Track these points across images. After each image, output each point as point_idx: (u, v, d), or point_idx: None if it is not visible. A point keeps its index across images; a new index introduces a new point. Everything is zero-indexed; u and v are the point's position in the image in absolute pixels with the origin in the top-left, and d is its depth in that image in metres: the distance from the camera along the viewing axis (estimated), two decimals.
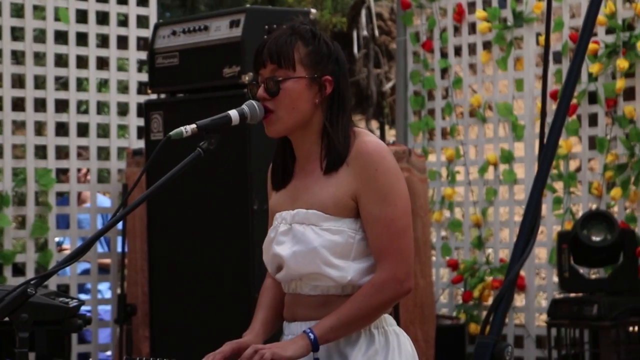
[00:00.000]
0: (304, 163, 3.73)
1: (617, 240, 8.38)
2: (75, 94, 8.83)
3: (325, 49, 3.68)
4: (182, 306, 7.23)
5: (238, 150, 6.59)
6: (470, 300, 9.41)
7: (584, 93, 9.04)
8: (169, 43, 7.44)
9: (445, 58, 9.89)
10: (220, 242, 6.99)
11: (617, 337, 8.21)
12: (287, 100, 3.63)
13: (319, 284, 3.64)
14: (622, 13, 8.90)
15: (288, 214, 3.70)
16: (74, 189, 8.83)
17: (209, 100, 6.83)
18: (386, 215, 3.60)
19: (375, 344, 3.65)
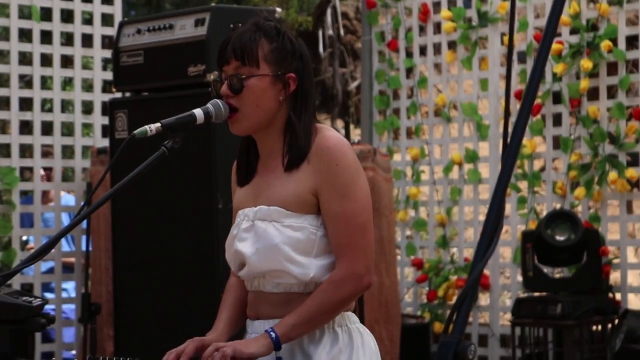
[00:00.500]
0: (267, 160, 3.75)
1: (581, 239, 8.41)
2: (39, 92, 8.82)
3: (289, 45, 3.69)
4: (147, 305, 7.23)
5: (203, 150, 6.60)
6: (435, 299, 9.44)
7: (548, 93, 9.06)
8: (133, 41, 7.44)
9: (411, 57, 9.90)
10: (185, 241, 7.00)
11: (580, 336, 8.24)
12: (250, 98, 3.65)
13: (282, 282, 3.65)
14: (586, 13, 8.92)
15: (250, 210, 3.71)
16: (38, 188, 8.82)
17: (174, 99, 6.82)
18: (346, 211, 3.61)
19: (339, 342, 3.66)
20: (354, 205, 3.60)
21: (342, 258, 3.59)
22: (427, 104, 9.85)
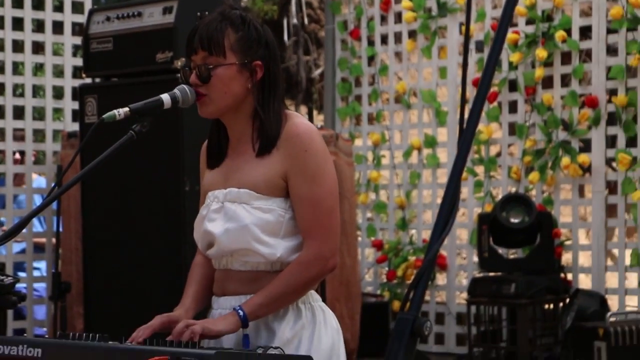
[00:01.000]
0: (236, 144, 3.72)
1: (535, 222, 8.47)
2: (11, 78, 8.78)
3: (255, 34, 3.65)
4: (116, 284, 7.22)
5: (170, 133, 6.58)
6: (394, 279, 9.48)
7: (504, 81, 9.12)
8: (103, 28, 7.42)
9: (372, 46, 9.94)
10: (153, 222, 6.99)
11: (533, 314, 8.31)
12: (218, 86, 3.61)
13: (249, 260, 3.64)
14: (542, 4, 8.98)
15: (220, 192, 3.68)
16: (10, 170, 8.80)
17: (142, 84, 6.81)
18: (313, 195, 3.60)
19: (302, 318, 3.65)
20: (322, 190, 3.60)
21: (310, 241, 3.59)
22: (388, 91, 9.88)
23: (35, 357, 3.54)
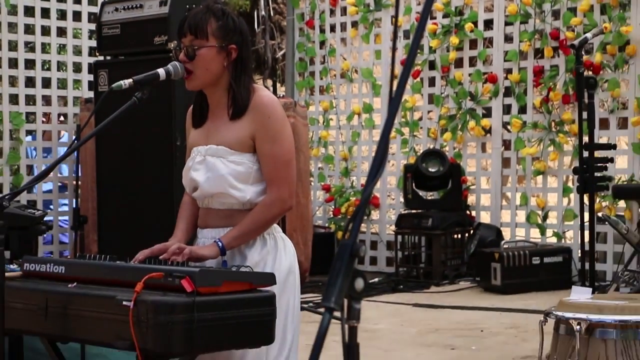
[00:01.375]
0: (215, 110, 3.72)
1: (447, 171, 8.54)
2: (40, 55, 8.74)
3: (232, 24, 3.67)
4: (123, 217, 7.25)
5: (164, 100, 6.57)
6: (339, 214, 9.52)
7: (425, 62, 9.15)
8: (112, 17, 7.40)
9: (323, 33, 9.92)
10: (151, 169, 7.00)
11: (445, 242, 8.39)
12: (201, 63, 3.63)
13: (226, 201, 3.65)
14: (455, 2, 9.00)
15: (203, 148, 3.69)
16: (40, 128, 8.79)
17: (143, 61, 6.76)
18: (274, 152, 3.61)
19: (267, 246, 3.66)
20: (281, 148, 3.61)
21: (272, 187, 3.61)
22: (335, 68, 9.86)
23: (59, 273, 3.55)
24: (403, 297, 7.61)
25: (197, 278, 3.15)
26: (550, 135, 8.38)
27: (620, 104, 8.10)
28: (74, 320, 3.33)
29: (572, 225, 8.14)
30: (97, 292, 3.30)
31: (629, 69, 7.98)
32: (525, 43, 8.52)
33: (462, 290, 7.92)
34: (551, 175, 8.52)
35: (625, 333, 3.01)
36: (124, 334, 3.09)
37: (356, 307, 1.97)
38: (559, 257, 7.86)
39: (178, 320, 3.08)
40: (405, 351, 5.47)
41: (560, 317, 3.14)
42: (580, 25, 8.15)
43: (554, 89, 8.36)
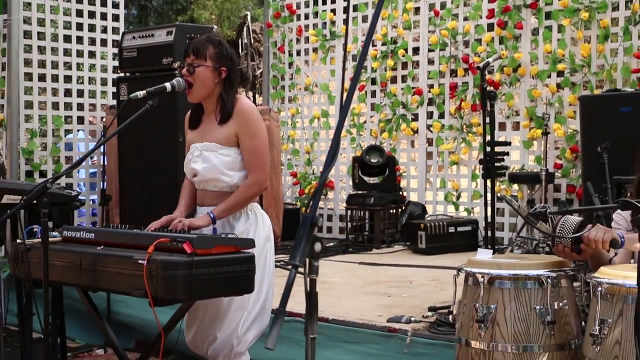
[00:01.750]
0: (209, 116, 3.78)
1: (385, 162, 8.55)
2: (75, 72, 8.64)
3: (225, 51, 3.74)
4: (138, 196, 7.23)
5: (170, 107, 6.55)
6: (303, 194, 9.51)
7: (368, 78, 9.15)
8: (131, 43, 7.36)
9: (291, 56, 9.89)
10: (160, 159, 6.98)
11: (383, 215, 8.40)
12: (198, 78, 3.69)
13: (218, 184, 3.70)
14: (390, 33, 8.99)
15: (199, 145, 3.74)
16: (75, 128, 8.72)
17: (154, 77, 6.68)
18: (253, 146, 3.66)
19: (250, 218, 3.71)
20: (258, 142, 3.66)
21: (251, 172, 3.65)
22: (300, 83, 9.86)
23: (90, 238, 3.56)
24: (352, 257, 7.63)
25: (195, 242, 3.17)
26: (462, 135, 8.42)
27: (514, 112, 8.16)
28: (101, 275, 3.35)
29: (478, 202, 8.20)
30: (118, 253, 3.32)
31: (520, 85, 8.04)
32: (443, 65, 8.55)
33: (396, 252, 7.95)
34: (463, 165, 8.57)
35: (517, 283, 3.05)
36: (139, 285, 3.11)
37: (315, 265, 1.99)
38: (468, 227, 7.91)
39: (181, 274, 3.10)
40: (352, 298, 5.49)
41: (469, 272, 3.17)
42: (484, 52, 8.20)
43: (465, 100, 8.40)
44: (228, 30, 15.62)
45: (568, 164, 7.66)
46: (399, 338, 4.42)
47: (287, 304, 1.90)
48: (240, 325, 3.62)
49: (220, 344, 3.64)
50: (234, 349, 3.64)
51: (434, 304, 4.91)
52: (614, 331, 2.77)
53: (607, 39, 7.47)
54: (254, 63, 12.08)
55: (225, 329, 3.62)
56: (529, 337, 3.00)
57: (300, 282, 1.99)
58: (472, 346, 3.09)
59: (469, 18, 8.38)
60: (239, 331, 3.62)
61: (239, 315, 3.61)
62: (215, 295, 3.42)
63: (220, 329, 3.62)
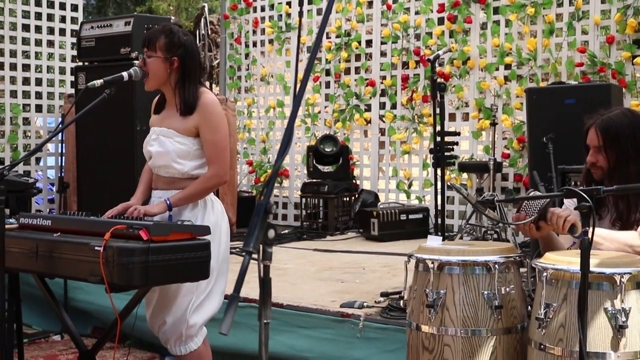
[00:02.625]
0: (169, 103, 3.77)
1: (339, 151, 8.56)
2: (34, 61, 8.56)
3: (177, 40, 3.70)
4: (96, 183, 7.15)
5: (128, 96, 6.50)
6: (259, 182, 9.48)
7: (323, 70, 9.14)
8: (89, 33, 7.27)
9: (248, 47, 9.84)
10: (117, 147, 6.92)
11: (337, 203, 8.40)
12: (151, 69, 3.68)
13: (169, 171, 3.68)
14: (344, 26, 8.99)
15: (158, 129, 3.73)
16: (33, 116, 8.59)
17: (112, 66, 6.66)
18: (215, 139, 3.64)
19: (198, 206, 3.69)
20: (219, 136, 3.63)
21: (211, 165, 3.62)
22: (256, 74, 9.82)
23: (47, 225, 3.50)
24: (306, 244, 7.62)
25: (151, 229, 3.14)
26: (413, 125, 8.45)
27: (464, 103, 8.21)
28: (58, 261, 3.30)
29: (429, 191, 8.24)
30: (75, 240, 3.27)
31: (469, 77, 8.09)
32: (395, 57, 8.57)
33: (349, 239, 7.96)
34: (414, 154, 8.60)
35: (465, 269, 3.06)
36: (96, 271, 3.07)
37: (269, 251, 1.97)
38: (419, 215, 7.95)
39: (137, 261, 3.07)
40: (306, 284, 5.49)
41: (419, 258, 3.17)
42: (435, 45, 8.23)
43: (416, 91, 8.42)
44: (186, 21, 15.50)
45: (515, 153, 7.73)
46: (351, 323, 4.43)
47: (242, 289, 1.88)
48: (188, 309, 3.60)
49: (169, 328, 3.63)
50: (183, 333, 3.63)
51: (385, 289, 4.93)
52: (558, 315, 2.80)
53: (552, 34, 7.54)
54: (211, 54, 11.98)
55: (174, 314, 3.61)
56: (477, 322, 3.01)
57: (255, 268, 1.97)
58: (422, 330, 3.09)
59: (420, 12, 8.40)
60: (187, 315, 3.60)
61: (187, 299, 3.60)
62: (171, 282, 3.39)
63: (169, 314, 3.61)
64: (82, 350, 3.70)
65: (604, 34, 7.32)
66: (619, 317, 2.70)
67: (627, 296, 2.74)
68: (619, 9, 7.19)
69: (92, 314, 5.61)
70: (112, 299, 3.12)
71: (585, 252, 2.58)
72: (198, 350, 3.69)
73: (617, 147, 3.25)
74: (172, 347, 3.67)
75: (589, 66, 7.29)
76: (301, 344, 4.58)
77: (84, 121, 6.73)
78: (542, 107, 6.48)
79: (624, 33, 7.16)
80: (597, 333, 2.72)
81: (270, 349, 1.98)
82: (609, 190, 2.81)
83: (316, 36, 1.98)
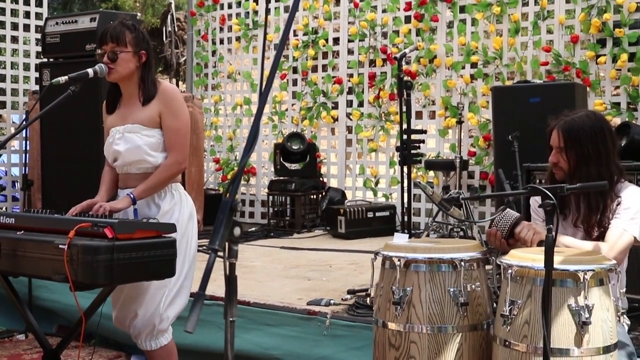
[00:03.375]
0: (128, 99, 3.76)
1: (306, 148, 8.55)
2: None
3: (142, 36, 3.73)
4: (60, 181, 7.09)
5: (93, 93, 6.43)
6: (226, 180, 9.45)
7: (290, 67, 9.13)
8: (54, 29, 7.19)
9: (215, 44, 9.81)
10: (82, 144, 6.85)
11: (304, 201, 8.40)
12: (122, 63, 3.66)
13: (142, 166, 3.67)
14: (312, 24, 8.98)
15: (121, 128, 3.71)
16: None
17: (77, 63, 6.54)
18: (175, 126, 3.65)
19: (175, 198, 3.70)
20: (179, 123, 3.64)
21: (171, 152, 3.63)
22: (223, 71, 9.78)
23: (10, 223, 3.45)
24: (273, 241, 7.62)
25: (116, 227, 3.12)
26: (380, 123, 8.47)
27: (430, 101, 8.25)
28: (22, 260, 3.26)
29: (396, 188, 8.27)
30: (39, 238, 3.24)
31: (436, 76, 8.12)
32: (362, 55, 8.58)
33: (316, 236, 7.97)
34: (381, 152, 8.63)
35: (432, 267, 3.07)
36: (60, 270, 3.04)
37: (234, 249, 1.97)
38: (386, 212, 7.97)
39: (101, 259, 3.04)
40: (273, 282, 5.48)
41: (386, 255, 3.18)
42: (402, 43, 8.26)
43: (383, 89, 8.45)
44: (152, 18, 15.37)
45: (481, 151, 7.78)
46: (318, 320, 4.43)
47: (208, 287, 1.87)
48: (162, 303, 3.59)
49: (141, 321, 3.61)
50: (156, 327, 3.61)
51: (352, 287, 4.93)
52: (523, 312, 2.82)
53: (517, 33, 7.60)
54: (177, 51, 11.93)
55: (147, 307, 3.59)
56: (443, 318, 3.02)
57: (221, 266, 1.96)
58: (389, 327, 3.10)
59: (387, 10, 8.42)
60: (160, 309, 3.59)
61: (160, 292, 3.59)
62: (137, 280, 3.37)
63: (141, 307, 3.59)
64: (46, 350, 3.66)
65: (568, 34, 7.39)
66: (582, 314, 2.73)
67: (590, 293, 2.77)
68: (583, 8, 7.27)
69: (57, 312, 5.56)
70: (76, 297, 3.10)
71: (550, 249, 2.61)
72: (168, 345, 3.68)
73: (577, 149, 3.29)
74: (142, 342, 3.66)
75: (554, 65, 7.36)
76: (268, 342, 4.57)
77: (48, 118, 6.66)
78: (507, 105, 6.53)
79: (588, 33, 7.24)
80: (560, 329, 2.74)
81: (237, 346, 1.98)
82: (572, 188, 2.84)
83: (282, 33, 1.98)
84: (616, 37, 7.07)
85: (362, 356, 4.17)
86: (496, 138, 6.64)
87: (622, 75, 7.01)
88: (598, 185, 3.05)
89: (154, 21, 14.60)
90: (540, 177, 5.11)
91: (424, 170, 7.97)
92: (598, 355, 2.75)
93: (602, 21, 7.14)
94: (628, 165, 4.28)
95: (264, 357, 4.57)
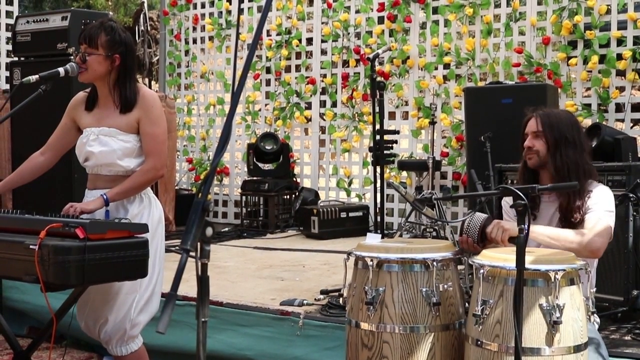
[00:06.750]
0: (104, 100, 3.72)
1: (280, 148, 8.56)
2: None
3: (118, 38, 3.66)
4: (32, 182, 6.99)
5: (65, 92, 6.36)
6: (199, 180, 9.42)
7: (263, 67, 9.13)
8: (25, 27, 7.11)
9: (188, 44, 9.79)
10: None
11: (277, 201, 8.40)
12: (92, 65, 3.62)
13: (113, 169, 3.63)
14: (285, 24, 8.98)
15: (96, 129, 3.67)
16: None
17: (48, 62, 6.51)
18: (154, 132, 3.61)
19: (144, 202, 3.66)
20: (157, 130, 3.61)
21: (149, 158, 3.59)
22: (196, 71, 9.76)
23: None
24: (246, 242, 7.60)
25: (88, 227, 3.09)
26: (354, 123, 8.49)
27: (403, 102, 8.27)
28: None
29: (369, 189, 8.28)
30: (9, 238, 3.21)
31: (409, 76, 8.16)
32: (336, 56, 8.59)
33: (290, 237, 7.96)
34: (354, 153, 8.64)
35: (404, 267, 3.09)
36: (31, 271, 3.01)
37: (207, 249, 1.96)
38: (359, 212, 7.99)
39: (73, 259, 3.02)
40: (247, 282, 5.47)
41: (359, 256, 3.19)
42: (375, 44, 8.28)
43: (356, 90, 8.46)
44: (125, 17, 15.29)
45: (454, 152, 7.82)
46: (291, 321, 4.43)
47: (181, 288, 1.87)
48: (132, 308, 3.56)
49: (112, 327, 3.58)
50: (127, 332, 3.58)
51: (325, 287, 4.94)
52: (495, 311, 2.84)
53: (490, 34, 7.65)
54: (150, 50, 11.87)
55: (117, 312, 3.55)
56: (415, 318, 3.03)
57: (194, 266, 1.95)
58: (361, 327, 3.11)
59: (360, 11, 8.44)
60: (131, 314, 3.56)
61: (130, 297, 3.55)
62: (109, 280, 3.34)
63: (111, 312, 3.56)
64: (17, 351, 3.63)
65: (540, 35, 7.45)
66: (554, 313, 2.75)
67: (561, 292, 2.79)
68: (555, 10, 7.33)
69: (27, 313, 5.51)
70: (47, 298, 3.07)
71: (521, 249, 2.63)
72: (139, 350, 3.65)
73: (555, 133, 3.36)
74: (113, 348, 3.62)
75: (526, 66, 7.42)
76: (241, 342, 4.56)
77: (19, 117, 6.60)
78: (479, 106, 6.57)
79: (559, 34, 7.30)
80: (532, 329, 2.77)
81: (210, 347, 1.97)
82: (543, 189, 2.87)
83: (255, 33, 1.97)
84: (587, 39, 7.14)
85: (335, 356, 4.17)
86: (468, 139, 6.67)
87: (593, 77, 7.08)
88: (568, 185, 3.08)
89: (126, 20, 14.51)
90: (512, 178, 5.14)
91: (397, 170, 8.00)
92: (569, 354, 2.78)
93: (573, 23, 7.20)
94: (598, 165, 4.31)
95: (237, 358, 4.56)
